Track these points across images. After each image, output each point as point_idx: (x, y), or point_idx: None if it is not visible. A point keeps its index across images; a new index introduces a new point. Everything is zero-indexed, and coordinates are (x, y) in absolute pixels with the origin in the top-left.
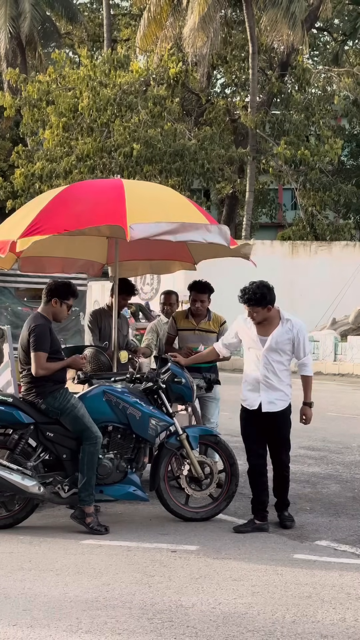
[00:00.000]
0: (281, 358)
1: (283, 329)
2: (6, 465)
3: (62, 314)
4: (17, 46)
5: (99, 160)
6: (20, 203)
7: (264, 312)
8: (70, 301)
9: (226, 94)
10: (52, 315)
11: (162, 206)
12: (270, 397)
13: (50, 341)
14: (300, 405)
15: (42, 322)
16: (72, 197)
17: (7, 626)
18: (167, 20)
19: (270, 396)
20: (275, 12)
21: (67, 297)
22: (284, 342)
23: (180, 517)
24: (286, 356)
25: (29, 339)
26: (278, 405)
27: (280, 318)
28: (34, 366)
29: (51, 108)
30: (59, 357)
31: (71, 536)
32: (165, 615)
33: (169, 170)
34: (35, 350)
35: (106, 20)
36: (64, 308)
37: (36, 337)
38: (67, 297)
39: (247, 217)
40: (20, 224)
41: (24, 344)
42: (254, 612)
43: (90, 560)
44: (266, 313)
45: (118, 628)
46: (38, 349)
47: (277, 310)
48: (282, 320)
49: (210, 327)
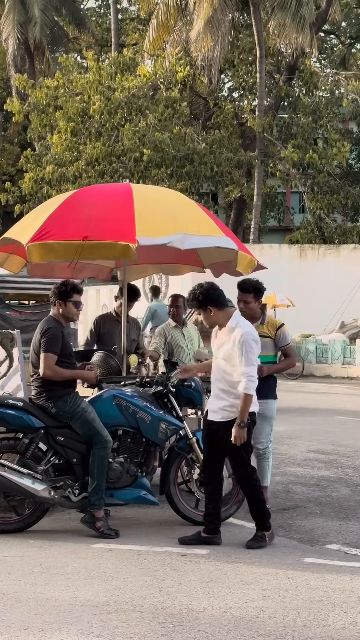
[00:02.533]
0: (228, 367)
1: (228, 337)
2: (17, 469)
3: (70, 313)
4: (26, 51)
5: (108, 165)
6: (28, 207)
7: (208, 315)
8: (74, 298)
9: (234, 98)
10: (63, 317)
11: (171, 210)
12: (215, 405)
13: (61, 344)
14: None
15: (54, 325)
16: (81, 201)
17: (19, 630)
18: (174, 24)
19: (215, 405)
20: (283, 15)
21: (70, 296)
22: (228, 350)
23: (191, 521)
24: (235, 366)
25: (41, 340)
26: (220, 415)
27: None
28: (42, 366)
29: (59, 113)
30: (70, 361)
31: (81, 540)
32: (176, 619)
33: (179, 174)
34: (45, 351)
35: (114, 25)
36: (70, 306)
37: (47, 339)
38: (70, 296)
39: (255, 220)
40: (29, 228)
41: (36, 346)
42: (265, 616)
43: (100, 564)
44: (211, 316)
45: (129, 632)
46: (48, 350)
47: (229, 316)
48: (229, 326)
49: (264, 331)
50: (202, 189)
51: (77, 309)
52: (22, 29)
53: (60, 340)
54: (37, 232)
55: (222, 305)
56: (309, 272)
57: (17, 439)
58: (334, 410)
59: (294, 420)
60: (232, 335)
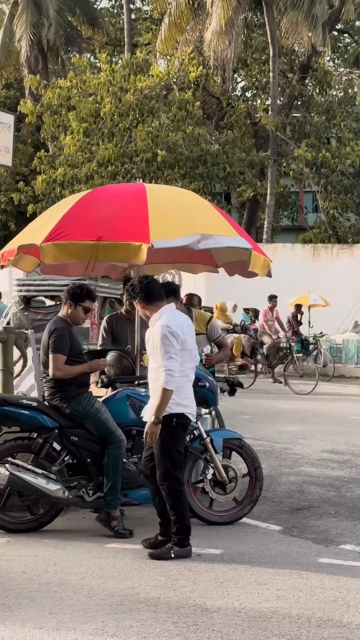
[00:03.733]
0: (154, 364)
1: (152, 330)
2: (31, 469)
3: (77, 316)
4: (39, 52)
5: (120, 166)
6: (41, 207)
7: (140, 308)
8: (86, 303)
9: (247, 97)
10: (70, 319)
11: (184, 210)
12: (147, 404)
13: (69, 344)
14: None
15: (61, 326)
16: (95, 202)
17: (34, 629)
18: (187, 24)
19: (148, 403)
20: (296, 14)
21: (83, 300)
22: (151, 344)
23: (204, 521)
24: (158, 362)
25: (49, 341)
26: (147, 414)
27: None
28: (51, 367)
29: (72, 113)
30: (80, 360)
31: (96, 540)
32: (190, 619)
33: (192, 175)
34: (54, 352)
35: (127, 24)
36: (79, 310)
37: (55, 339)
38: (83, 300)
39: (268, 220)
40: (43, 228)
41: (44, 347)
42: (280, 616)
43: (115, 564)
44: (140, 309)
45: (143, 632)
46: (56, 351)
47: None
48: (153, 319)
49: (196, 328)
50: (214, 189)
51: (86, 314)
52: (35, 30)
53: (69, 340)
54: (51, 232)
55: (151, 299)
56: (322, 271)
57: (32, 438)
58: (347, 410)
59: (308, 420)
60: (153, 328)
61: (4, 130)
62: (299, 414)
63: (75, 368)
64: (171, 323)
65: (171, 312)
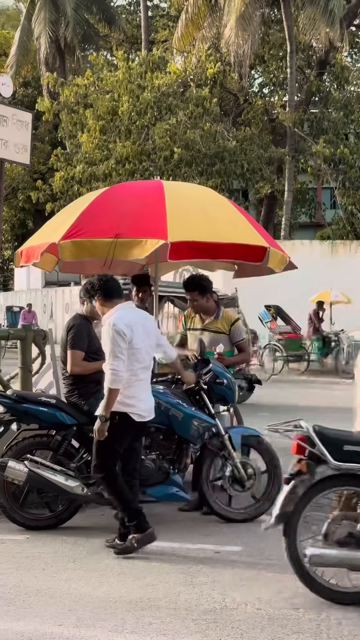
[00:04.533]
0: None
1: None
2: (50, 466)
3: (94, 312)
4: (57, 50)
5: (138, 163)
6: (59, 206)
7: (98, 305)
8: None
9: (264, 94)
10: (90, 315)
11: (202, 207)
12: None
13: (87, 341)
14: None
15: (80, 322)
16: (113, 199)
17: (54, 626)
18: (204, 21)
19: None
20: (313, 10)
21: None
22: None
23: (223, 518)
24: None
25: (67, 338)
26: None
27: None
28: (69, 363)
29: (89, 111)
30: (99, 357)
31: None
32: (210, 616)
33: (209, 172)
34: (72, 348)
35: (144, 22)
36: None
37: (73, 335)
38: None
39: (286, 216)
40: (61, 226)
41: (63, 344)
42: (299, 613)
43: (134, 561)
44: (99, 306)
45: (163, 629)
46: (74, 347)
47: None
48: (104, 318)
49: (219, 326)
50: (232, 186)
51: None
52: (53, 28)
53: (86, 336)
54: (69, 230)
55: (109, 297)
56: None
57: (50, 436)
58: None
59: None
60: (104, 326)
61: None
62: (318, 411)
63: (93, 364)
64: (118, 322)
65: (123, 310)
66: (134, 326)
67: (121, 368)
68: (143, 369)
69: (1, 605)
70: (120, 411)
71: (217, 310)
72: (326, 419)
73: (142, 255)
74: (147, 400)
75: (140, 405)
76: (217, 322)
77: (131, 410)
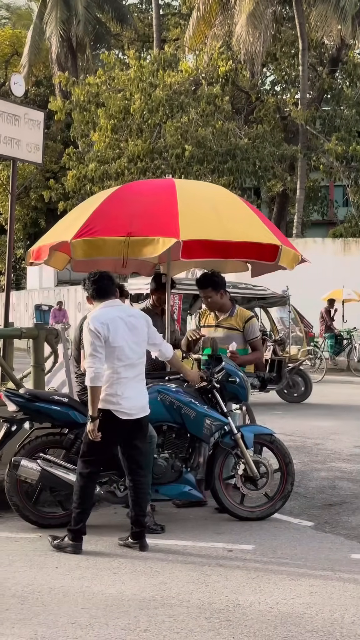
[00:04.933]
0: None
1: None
2: (62, 465)
3: None
4: (69, 49)
5: (149, 162)
6: (71, 204)
7: (88, 302)
8: None
9: (276, 92)
10: None
11: (214, 205)
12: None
13: None
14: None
15: None
16: (125, 198)
17: (67, 624)
18: (216, 18)
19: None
20: (325, 7)
21: None
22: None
23: (236, 517)
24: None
25: (81, 337)
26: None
27: None
28: (82, 363)
29: (101, 110)
30: None
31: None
32: (222, 614)
33: (221, 170)
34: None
35: (155, 20)
36: None
37: None
38: None
39: (298, 214)
40: (73, 225)
41: (76, 342)
42: (313, 612)
43: (146, 559)
44: (89, 303)
45: (176, 627)
46: None
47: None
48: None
49: (233, 323)
50: (244, 184)
51: None
52: (64, 27)
53: None
54: (81, 229)
55: (96, 295)
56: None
57: (63, 434)
58: None
59: (339, 415)
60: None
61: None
62: (330, 409)
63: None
64: (93, 320)
65: (103, 309)
66: (112, 324)
67: (98, 365)
68: (126, 366)
69: (14, 603)
70: (105, 408)
71: (232, 308)
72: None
73: (154, 254)
74: (133, 398)
75: (124, 403)
76: (231, 319)
77: (115, 408)
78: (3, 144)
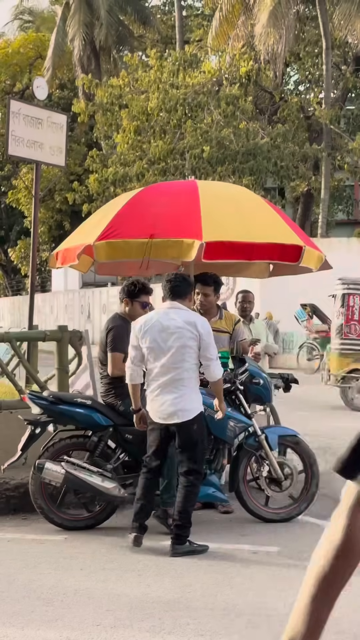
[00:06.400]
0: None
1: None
2: (86, 467)
3: (136, 312)
4: (92, 52)
5: (170, 162)
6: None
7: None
8: (141, 298)
9: (300, 91)
10: (129, 316)
11: (237, 206)
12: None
13: (127, 342)
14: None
15: (119, 323)
16: (147, 200)
17: (91, 626)
18: (238, 19)
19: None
20: (348, 6)
21: (138, 296)
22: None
23: (260, 518)
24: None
25: (107, 339)
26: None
27: None
28: (110, 366)
29: (124, 112)
30: None
31: (152, 537)
32: (247, 617)
33: (241, 170)
34: (112, 350)
35: (178, 21)
36: (137, 306)
37: (113, 337)
38: (138, 296)
39: (322, 214)
40: (96, 227)
41: (102, 345)
42: (339, 614)
43: (171, 561)
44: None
45: (200, 629)
46: (115, 350)
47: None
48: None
49: (223, 326)
50: (267, 184)
51: (143, 309)
52: (87, 30)
53: (127, 338)
54: (103, 231)
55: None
56: None
57: (87, 437)
58: None
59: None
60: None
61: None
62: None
63: None
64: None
65: (153, 312)
66: (146, 326)
67: (129, 365)
68: (154, 370)
69: (39, 605)
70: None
71: (220, 311)
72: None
73: (177, 256)
74: (158, 403)
75: (151, 405)
76: (220, 322)
77: (147, 408)
78: (26, 147)
